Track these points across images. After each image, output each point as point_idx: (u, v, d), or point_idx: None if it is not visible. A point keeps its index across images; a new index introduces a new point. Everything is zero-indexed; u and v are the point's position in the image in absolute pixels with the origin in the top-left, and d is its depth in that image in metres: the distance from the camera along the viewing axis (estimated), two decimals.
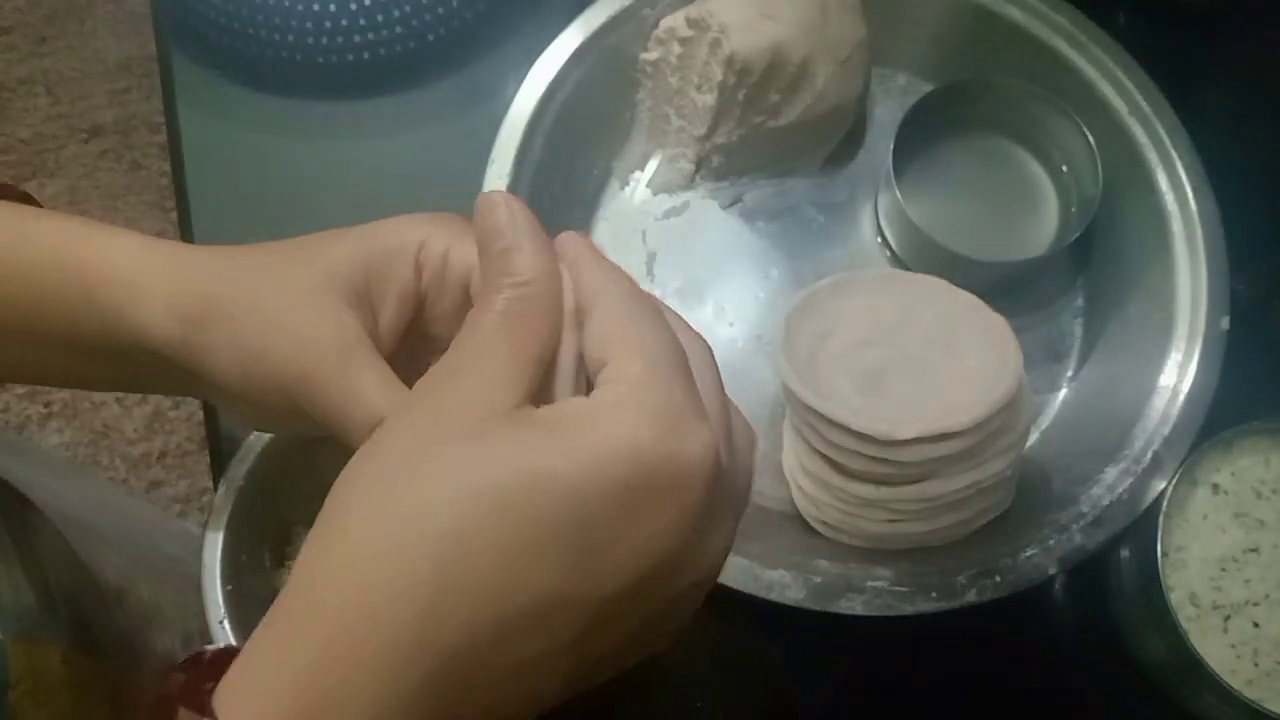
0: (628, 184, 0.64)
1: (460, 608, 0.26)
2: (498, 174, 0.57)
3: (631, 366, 0.28)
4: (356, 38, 0.64)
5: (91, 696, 0.47)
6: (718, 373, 0.31)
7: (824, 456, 0.51)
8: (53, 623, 0.47)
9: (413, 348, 0.38)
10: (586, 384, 0.31)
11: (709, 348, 0.32)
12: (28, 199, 0.43)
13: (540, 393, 0.30)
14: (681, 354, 0.30)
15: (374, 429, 0.31)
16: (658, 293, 0.62)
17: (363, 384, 0.34)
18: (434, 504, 0.26)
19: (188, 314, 0.36)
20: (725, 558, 0.30)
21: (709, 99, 0.59)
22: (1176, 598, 0.50)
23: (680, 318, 0.32)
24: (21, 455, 0.63)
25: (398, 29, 0.65)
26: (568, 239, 0.33)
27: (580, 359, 0.31)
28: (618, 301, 0.30)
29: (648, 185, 0.64)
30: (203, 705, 0.26)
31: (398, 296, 0.37)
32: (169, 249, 0.38)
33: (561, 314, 0.31)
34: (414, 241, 0.36)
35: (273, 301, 0.35)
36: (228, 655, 0.28)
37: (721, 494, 0.28)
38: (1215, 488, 0.53)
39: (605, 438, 0.27)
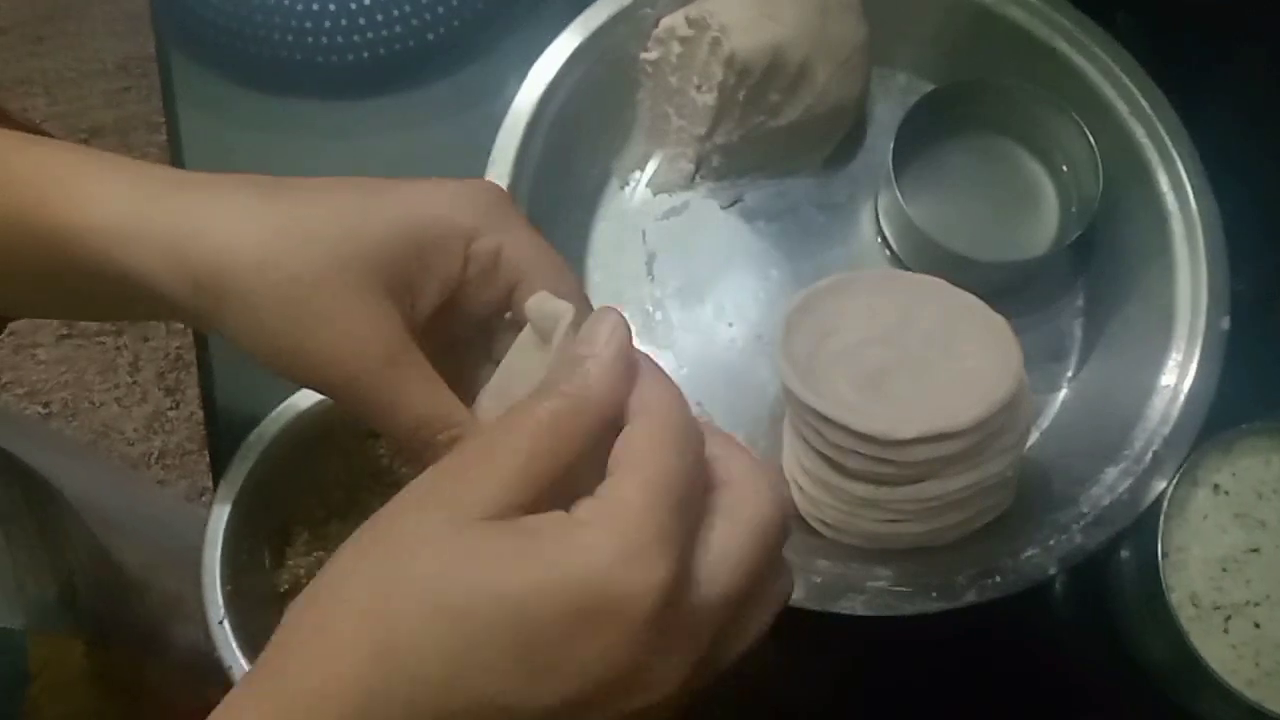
0: (628, 184, 0.64)
1: (403, 691, 0.27)
2: (498, 174, 0.57)
3: (622, 488, 0.29)
4: (356, 38, 0.64)
5: (112, 689, 0.47)
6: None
7: (824, 456, 0.51)
8: (76, 615, 0.47)
9: (440, 324, 0.37)
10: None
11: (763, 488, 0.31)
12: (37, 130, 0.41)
13: (563, 485, 0.30)
14: (688, 489, 0.29)
15: (419, 429, 0.33)
16: (657, 293, 0.62)
17: (409, 390, 0.34)
18: (404, 607, 0.28)
19: (200, 282, 0.34)
20: (690, 685, 0.29)
21: (709, 99, 0.59)
22: (1177, 598, 0.50)
23: (742, 449, 0.32)
24: (44, 442, 0.62)
25: (398, 29, 0.65)
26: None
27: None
28: (654, 422, 0.30)
29: (648, 185, 0.64)
30: None
31: (440, 286, 0.36)
32: (161, 198, 0.36)
33: (600, 434, 0.30)
34: (465, 231, 0.35)
35: (304, 292, 0.33)
36: None
37: (672, 627, 0.28)
38: (1216, 488, 0.53)
39: (560, 561, 0.27)
